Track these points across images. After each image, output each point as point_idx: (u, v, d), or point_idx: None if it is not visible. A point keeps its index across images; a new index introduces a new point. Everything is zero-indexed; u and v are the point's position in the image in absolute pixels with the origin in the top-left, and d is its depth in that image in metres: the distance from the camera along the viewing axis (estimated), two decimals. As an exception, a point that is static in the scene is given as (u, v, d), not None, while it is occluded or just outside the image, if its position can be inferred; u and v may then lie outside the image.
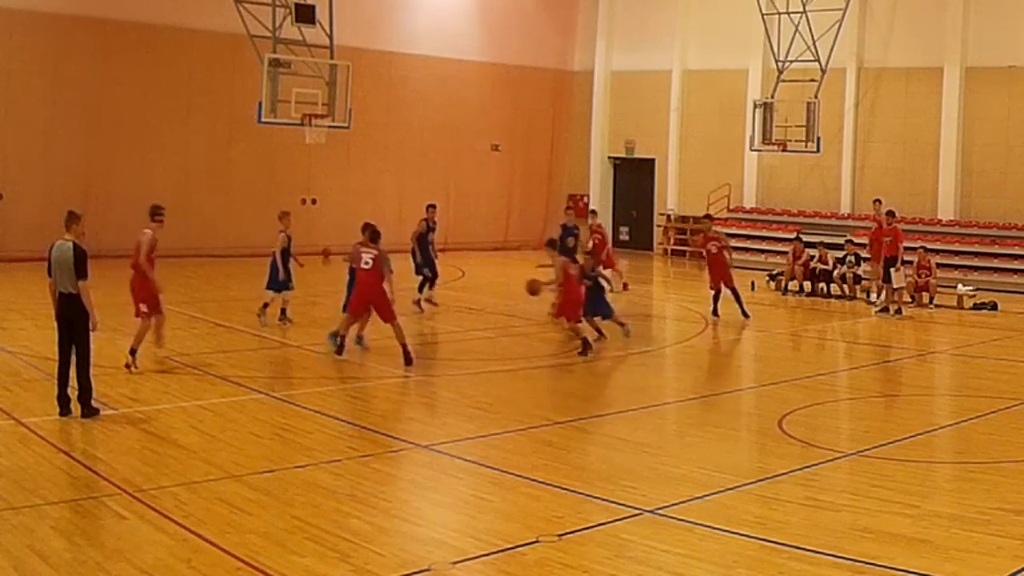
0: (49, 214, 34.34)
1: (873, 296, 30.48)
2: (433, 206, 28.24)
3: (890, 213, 29.64)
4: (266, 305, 24.60)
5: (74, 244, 15.65)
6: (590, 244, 28.73)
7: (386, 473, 13.46)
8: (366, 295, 20.28)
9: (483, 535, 11.10)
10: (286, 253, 24.49)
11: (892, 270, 28.47)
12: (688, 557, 10.50)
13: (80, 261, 15.49)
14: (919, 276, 30.80)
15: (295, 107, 30.35)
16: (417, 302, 26.99)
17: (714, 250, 27.16)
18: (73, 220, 15.85)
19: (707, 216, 29.59)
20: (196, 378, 18.41)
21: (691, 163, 45.17)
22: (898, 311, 28.56)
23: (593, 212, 34.11)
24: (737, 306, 26.72)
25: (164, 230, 19.54)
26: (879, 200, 32.29)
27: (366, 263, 20.17)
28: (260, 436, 14.78)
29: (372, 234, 20.52)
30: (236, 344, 22.07)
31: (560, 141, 48.97)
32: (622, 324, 23.24)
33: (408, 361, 19.90)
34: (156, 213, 19.71)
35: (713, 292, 27.28)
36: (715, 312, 27.03)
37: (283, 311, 24.65)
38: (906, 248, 30.20)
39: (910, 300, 30.37)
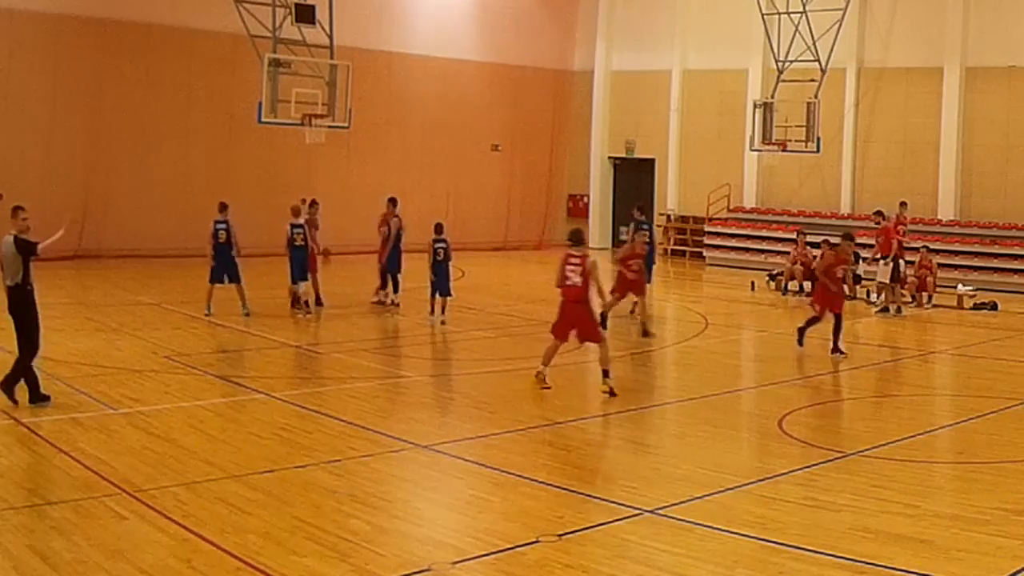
0: (49, 214, 34.34)
1: (873, 296, 30.43)
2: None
3: (878, 213, 29.75)
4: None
5: (15, 236, 15.75)
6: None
7: (386, 473, 13.46)
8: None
9: (483, 535, 11.10)
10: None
11: (882, 263, 28.46)
12: (688, 557, 10.51)
13: (22, 246, 15.62)
14: (917, 276, 30.79)
15: (295, 107, 30.33)
16: None
17: (840, 274, 23.49)
18: (15, 212, 16.06)
19: (847, 236, 24.59)
20: (196, 378, 18.41)
21: (691, 163, 45.16)
22: (898, 310, 28.57)
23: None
24: (833, 337, 23.05)
25: (163, 230, 19.31)
26: (904, 203, 31.69)
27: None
28: (260, 436, 14.77)
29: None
30: (236, 344, 22.08)
31: (560, 141, 48.95)
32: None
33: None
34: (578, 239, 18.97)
35: (813, 317, 23.27)
36: (801, 341, 23.27)
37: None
38: (908, 248, 30.25)
39: (910, 300, 30.35)
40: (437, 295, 25.29)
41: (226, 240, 25.26)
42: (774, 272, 34.39)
